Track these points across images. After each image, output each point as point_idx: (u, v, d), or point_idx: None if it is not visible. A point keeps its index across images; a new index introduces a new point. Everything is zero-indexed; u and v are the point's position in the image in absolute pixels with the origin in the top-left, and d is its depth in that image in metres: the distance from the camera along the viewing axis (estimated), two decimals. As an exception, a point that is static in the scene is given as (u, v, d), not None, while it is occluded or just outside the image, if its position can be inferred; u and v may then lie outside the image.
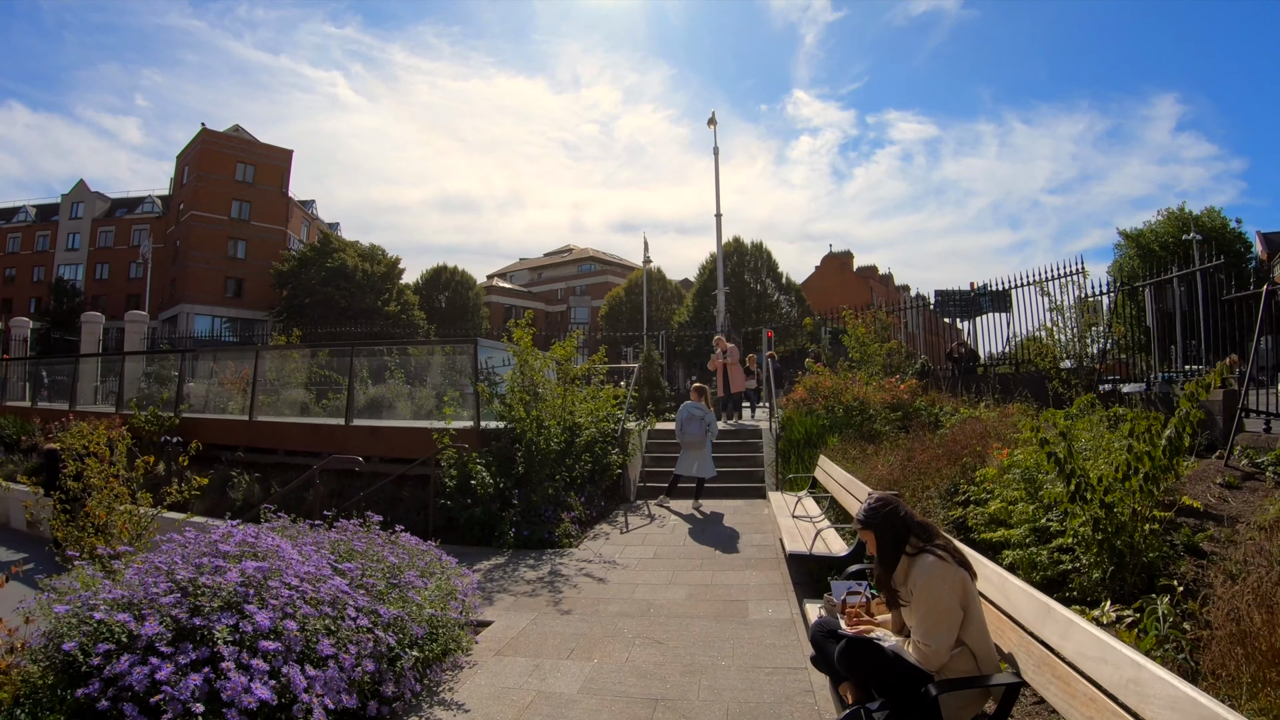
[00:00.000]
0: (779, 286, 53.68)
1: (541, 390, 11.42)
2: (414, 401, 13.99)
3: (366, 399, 13.87)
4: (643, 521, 10.72)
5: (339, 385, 14.48)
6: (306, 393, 15.52)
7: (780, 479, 11.88)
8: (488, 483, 9.86)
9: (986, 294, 17.68)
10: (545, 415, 11.14)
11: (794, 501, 9.08)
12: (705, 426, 11.48)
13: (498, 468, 10.46)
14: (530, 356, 11.32)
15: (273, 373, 16.85)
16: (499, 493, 10.04)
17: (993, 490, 6.71)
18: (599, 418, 12.33)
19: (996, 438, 8.21)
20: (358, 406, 13.73)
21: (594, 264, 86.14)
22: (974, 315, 17.97)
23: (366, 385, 14.17)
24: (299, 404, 15.58)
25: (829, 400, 13.59)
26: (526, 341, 11.41)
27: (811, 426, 12.57)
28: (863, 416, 12.65)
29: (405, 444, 12.00)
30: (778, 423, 13.60)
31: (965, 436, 8.64)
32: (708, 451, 11.62)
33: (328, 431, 13.33)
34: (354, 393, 13.25)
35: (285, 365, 17.10)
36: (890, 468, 8.50)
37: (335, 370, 14.50)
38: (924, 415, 12.31)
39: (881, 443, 11.27)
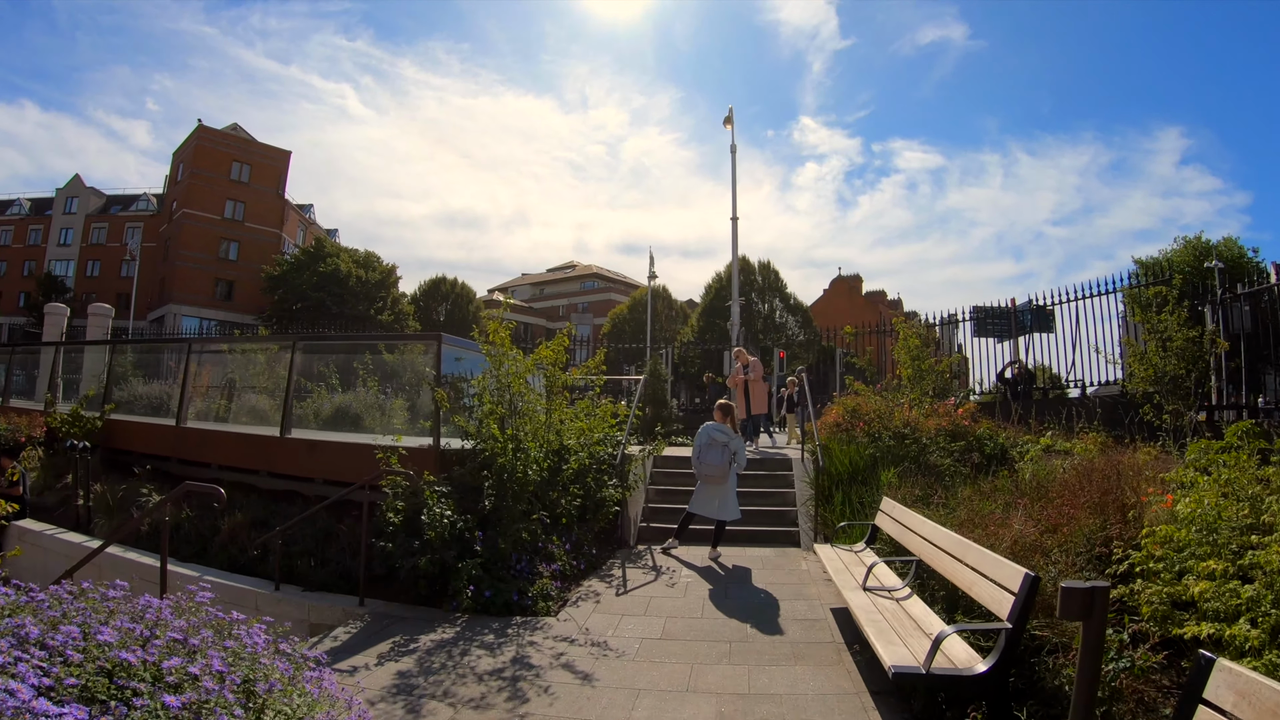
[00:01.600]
0: (788, 308, 51.75)
1: (521, 403, 9.04)
2: (363, 411, 11.57)
3: (311, 407, 11.48)
4: (646, 577, 8.25)
5: (303, 390, 12.18)
6: (268, 399, 13.03)
7: (819, 522, 9.39)
8: (441, 521, 7.41)
9: (1030, 311, 15.41)
10: (525, 435, 8.76)
11: (856, 564, 6.66)
12: (730, 455, 9.06)
13: (458, 501, 8.05)
14: (507, 359, 8.94)
15: (235, 374, 14.44)
16: (456, 535, 7.61)
17: (1163, 554, 4.47)
18: (593, 440, 9.94)
19: (1124, 477, 5.94)
20: (295, 415, 11.40)
21: (597, 281, 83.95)
22: (1017, 334, 15.66)
23: (324, 390, 11.80)
24: (258, 410, 13.18)
25: (873, 425, 11.20)
26: (503, 339, 9.03)
27: (856, 458, 10.13)
28: (916, 446, 10.28)
29: (348, 464, 9.51)
30: (810, 452, 11.18)
31: (1082, 478, 6.31)
32: (731, 487, 9.19)
33: (260, 444, 11.00)
34: (290, 397, 10.83)
35: (249, 366, 14.71)
36: (1010, 522, 6.02)
37: (308, 372, 12.23)
38: (988, 446, 9.97)
39: (946, 480, 8.95)
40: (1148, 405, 9.84)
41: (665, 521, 10.05)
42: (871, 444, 10.63)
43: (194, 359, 13.35)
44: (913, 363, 12.42)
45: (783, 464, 11.69)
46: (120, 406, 13.72)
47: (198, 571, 8.85)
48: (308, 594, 8.15)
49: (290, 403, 10.92)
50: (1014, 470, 9.02)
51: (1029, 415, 11.35)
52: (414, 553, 7.40)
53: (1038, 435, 10.42)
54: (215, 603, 9.74)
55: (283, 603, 7.98)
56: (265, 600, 8.06)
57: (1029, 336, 15.42)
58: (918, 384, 12.26)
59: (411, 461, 8.21)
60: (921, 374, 12.32)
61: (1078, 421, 10.63)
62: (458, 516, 7.71)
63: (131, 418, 13.67)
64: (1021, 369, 14.82)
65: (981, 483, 8.55)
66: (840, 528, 8.16)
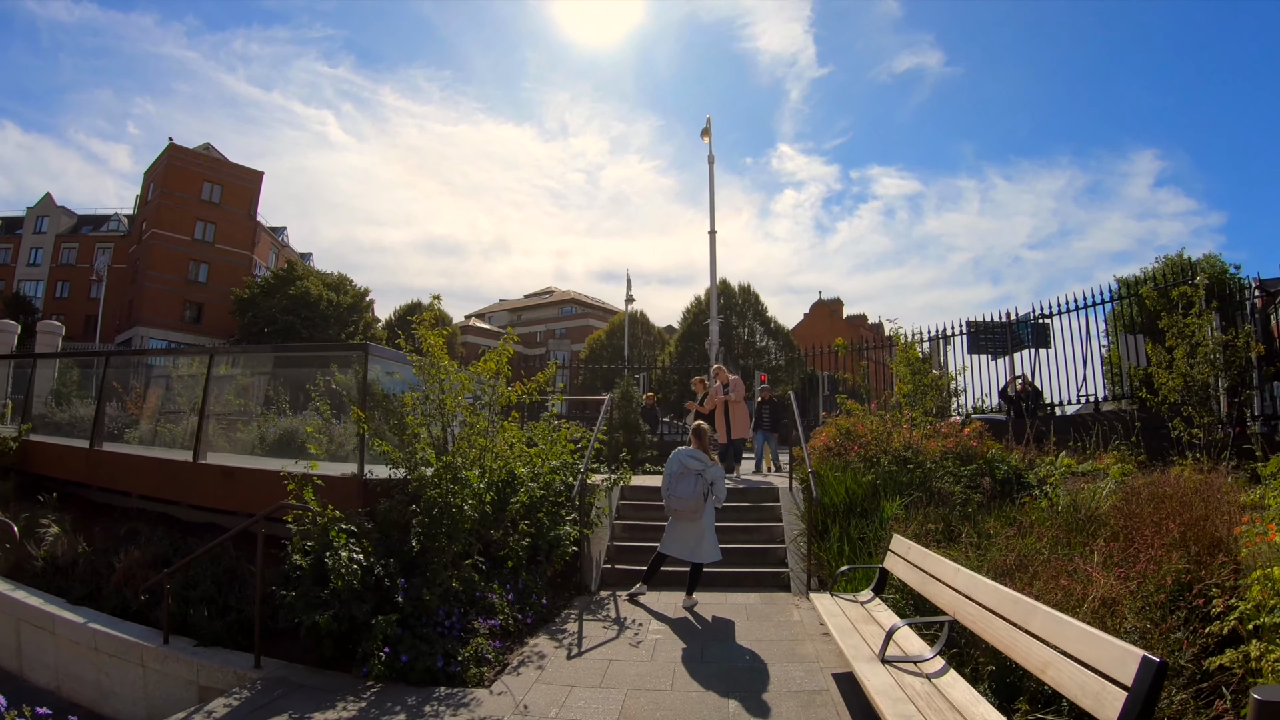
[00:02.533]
0: (768, 331, 50.78)
1: (460, 425, 7.68)
2: (310, 436, 10.15)
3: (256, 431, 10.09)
4: (606, 632, 6.81)
5: (248, 412, 10.79)
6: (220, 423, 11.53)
7: (812, 561, 7.96)
8: (349, 568, 5.99)
9: (1028, 325, 14.22)
10: (465, 462, 7.39)
11: (865, 620, 5.28)
12: (705, 486, 7.64)
13: (380, 542, 6.66)
14: (442, 373, 7.58)
15: (181, 396, 12.93)
16: (373, 584, 6.21)
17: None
18: (547, 469, 8.58)
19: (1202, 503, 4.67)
20: (237, 439, 9.99)
21: (575, 307, 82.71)
22: (1013, 350, 14.46)
23: (271, 412, 10.41)
24: (186, 434, 11.73)
25: (869, 448, 9.90)
26: (437, 350, 7.67)
27: (853, 486, 8.79)
28: (920, 471, 8.99)
29: (268, 494, 8.07)
30: (800, 480, 9.85)
31: (1155, 506, 5.02)
32: (708, 524, 7.71)
33: (173, 471, 9.55)
34: (205, 417, 9.40)
35: (195, 387, 13.22)
36: (1074, 569, 4.67)
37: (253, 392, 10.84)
38: (1000, 469, 8.76)
39: (959, 510, 7.71)
40: (1178, 419, 8.61)
41: (633, 562, 8.64)
42: (869, 469, 9.33)
43: (121, 374, 11.99)
44: (913, 377, 11.09)
45: (768, 494, 10.28)
46: (57, 428, 12.34)
47: (83, 618, 7.73)
48: (200, 649, 6.81)
49: (205, 423, 9.50)
50: (1033, 496, 7.79)
51: (1046, 434, 10.12)
52: (320, 605, 5.98)
53: (1052, 456, 9.24)
54: (97, 655, 7.81)
55: (170, 659, 6.74)
56: (151, 656, 6.88)
57: (1033, 352, 14.22)
58: (919, 401, 10.95)
59: (331, 493, 6.81)
60: (923, 390, 10.99)
61: (1088, 439, 9.46)
62: (375, 561, 6.32)
63: (51, 439, 12.17)
64: (1026, 385, 13.59)
65: (1003, 512, 7.30)
66: (841, 573, 6.73)
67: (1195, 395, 8.76)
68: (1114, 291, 12.81)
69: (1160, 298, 9.82)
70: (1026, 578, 4.53)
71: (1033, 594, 3.91)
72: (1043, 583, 4.38)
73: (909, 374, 11.10)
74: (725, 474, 12.52)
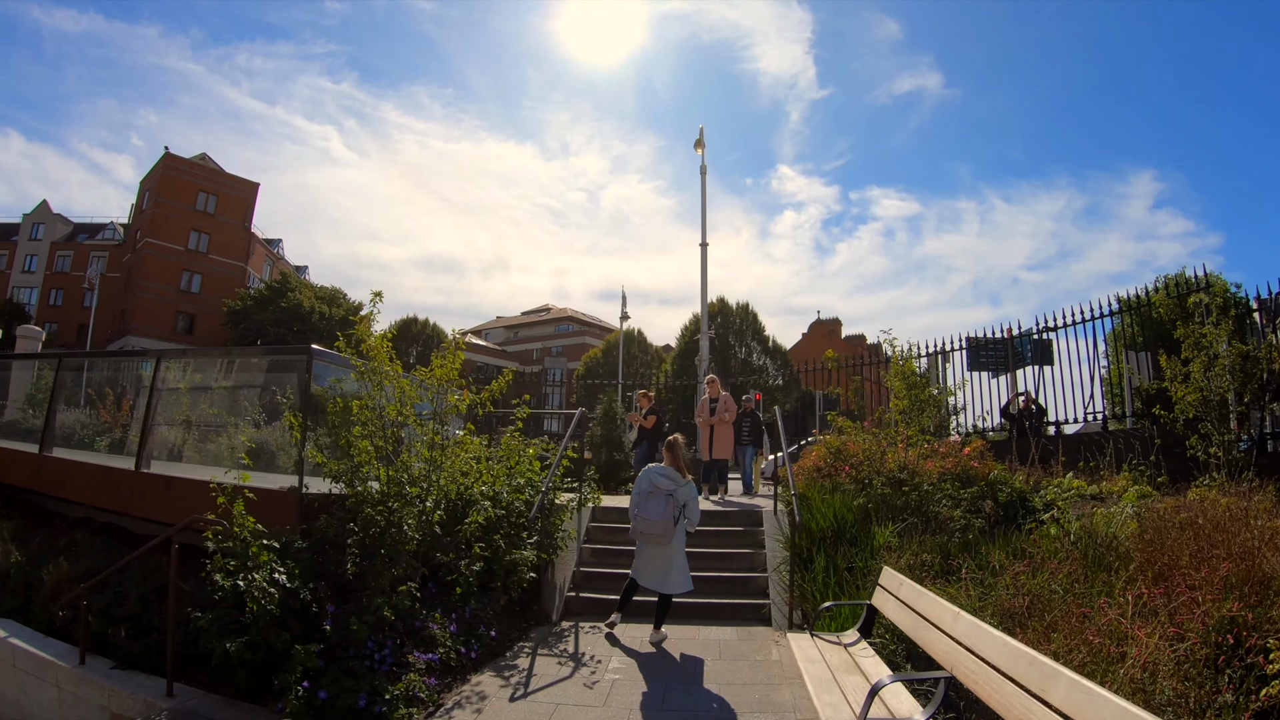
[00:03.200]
0: (765, 350, 50.27)
1: (409, 437, 7.00)
2: (281, 447, 9.46)
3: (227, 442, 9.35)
4: (560, 670, 6.06)
5: (220, 422, 10.08)
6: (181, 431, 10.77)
7: (794, 593, 7.22)
8: (266, 592, 5.28)
9: (1030, 340, 13.49)
10: (410, 477, 6.71)
11: (848, 668, 4.57)
12: (676, 507, 6.80)
13: (313, 563, 5.96)
14: (386, 378, 6.90)
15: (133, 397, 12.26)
16: (299, 610, 5.51)
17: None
18: (511, 487, 7.90)
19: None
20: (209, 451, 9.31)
21: (572, 324, 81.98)
22: (1014, 367, 13.72)
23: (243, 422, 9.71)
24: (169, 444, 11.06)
25: (861, 469, 9.21)
26: (380, 352, 7.00)
27: (842, 510, 8.07)
28: (917, 494, 8.29)
29: (204, 505, 7.41)
30: (785, 504, 9.16)
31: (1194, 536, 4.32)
32: (678, 550, 6.90)
33: (116, 479, 8.90)
34: (150, 421, 8.76)
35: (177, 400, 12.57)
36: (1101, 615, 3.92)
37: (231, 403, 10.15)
38: (1003, 492, 8.11)
39: (958, 537, 7.08)
40: (1194, 436, 7.90)
41: (602, 590, 7.89)
42: (860, 492, 8.64)
43: (108, 380, 11.37)
44: (909, 392, 10.36)
45: (750, 517, 9.53)
46: (26, 434, 11.67)
47: (5, 631, 7.34)
48: (115, 672, 6.29)
49: (150, 428, 8.86)
50: (1040, 522, 7.08)
51: (1051, 454, 9.40)
52: (236, 630, 5.29)
53: (1061, 477, 8.55)
54: (16, 673, 6.93)
55: (84, 682, 6.27)
56: (66, 676, 6.42)
57: (1036, 370, 13.48)
58: (915, 418, 10.22)
59: (265, 507, 6.15)
60: (920, 406, 10.25)
61: (1100, 458, 8.76)
62: (302, 584, 5.61)
63: (3, 444, 11.52)
64: (1029, 402, 12.86)
65: (1009, 540, 6.60)
66: (825, 609, 6.00)
67: (1214, 410, 8.07)
68: (1124, 302, 12.06)
69: (1175, 305, 9.12)
70: (1042, 627, 3.80)
71: (1050, 650, 3.22)
72: (1063, 636, 3.63)
73: (904, 389, 10.36)
74: (710, 495, 11.89)
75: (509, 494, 7.90)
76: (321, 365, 7.47)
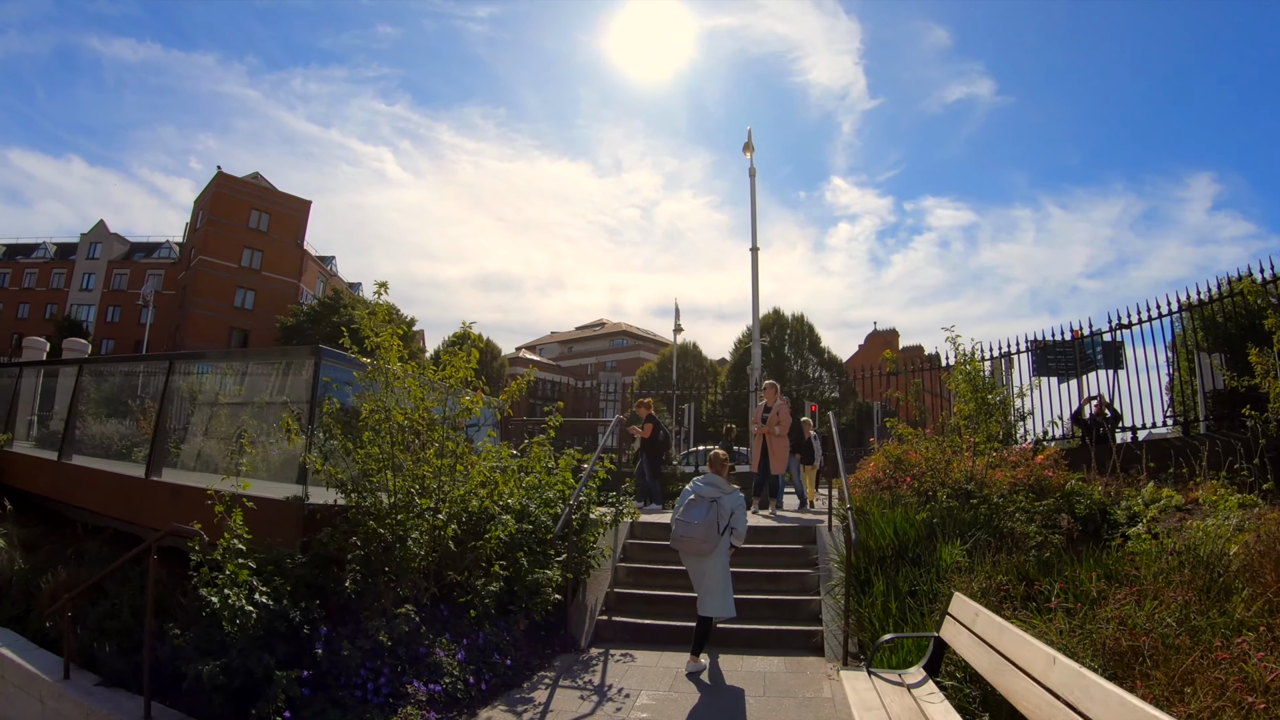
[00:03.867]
0: (821, 363, 49.14)
1: (422, 444, 6.40)
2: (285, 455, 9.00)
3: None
4: (582, 705, 5.34)
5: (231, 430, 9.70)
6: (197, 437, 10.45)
7: (850, 619, 6.40)
8: (242, 612, 4.71)
9: (1099, 342, 12.34)
10: (421, 487, 6.11)
11: (911, 715, 3.81)
12: (720, 518, 6.07)
13: (310, 580, 5.39)
14: (393, 378, 6.34)
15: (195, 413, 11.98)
16: (285, 632, 4.93)
17: None
18: (541, 500, 7.27)
19: None
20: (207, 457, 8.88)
21: (627, 339, 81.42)
22: (1083, 371, 12.55)
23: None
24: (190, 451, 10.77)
25: (924, 480, 8.36)
26: (387, 350, 6.45)
27: (903, 525, 7.24)
28: (986, 508, 7.42)
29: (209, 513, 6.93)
30: (841, 518, 8.35)
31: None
32: (718, 566, 6.15)
33: (127, 486, 8.50)
34: (162, 428, 8.35)
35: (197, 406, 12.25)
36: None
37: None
38: (1081, 504, 7.14)
39: (1035, 556, 6.21)
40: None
41: (638, 613, 7.19)
42: (922, 505, 7.79)
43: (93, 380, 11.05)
44: (974, 395, 9.41)
45: (803, 533, 8.70)
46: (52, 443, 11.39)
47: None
48: (98, 689, 5.86)
49: (163, 435, 8.46)
50: (1125, 537, 6.19)
51: (1128, 461, 8.39)
52: (218, 650, 4.74)
53: (1151, 487, 7.56)
54: (3, 684, 6.57)
55: (65, 698, 5.91)
56: (48, 691, 6.08)
57: (1109, 373, 12.34)
58: (982, 424, 9.30)
59: (265, 518, 5.66)
60: (988, 410, 9.30)
61: (1195, 464, 7.78)
62: (291, 604, 5.03)
63: (27, 451, 11.43)
64: (1102, 406, 11.76)
65: (1096, 559, 5.72)
66: (884, 642, 5.19)
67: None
68: (1213, 292, 10.88)
69: (1264, 292, 8.13)
70: (1168, 679, 2.96)
71: (1186, 713, 2.42)
72: (1200, 692, 2.78)
73: (970, 391, 9.41)
74: (760, 510, 11.06)
75: (538, 508, 7.25)
76: (331, 366, 6.92)
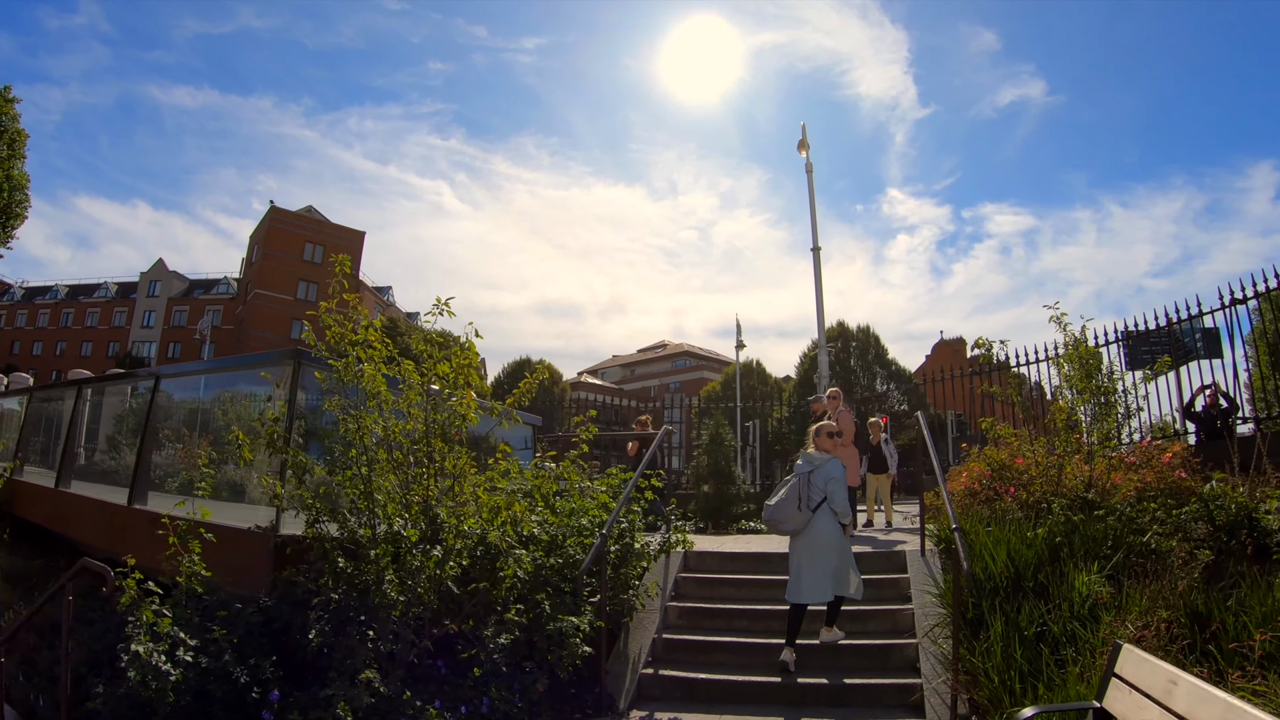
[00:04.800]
0: (889, 375, 47.17)
1: (416, 464, 5.28)
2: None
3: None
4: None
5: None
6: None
7: (959, 672, 4.99)
8: (160, 671, 3.62)
9: (1199, 327, 10.58)
10: (410, 516, 4.97)
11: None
12: (804, 491, 5.72)
13: (261, 630, 4.28)
14: (364, 379, 5.26)
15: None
16: (225, 697, 3.81)
17: None
18: (572, 527, 6.08)
19: None
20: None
21: (689, 359, 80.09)
22: (1180, 362, 10.71)
23: None
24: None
25: (1034, 490, 6.93)
26: (363, 344, 5.40)
27: (1019, 546, 5.79)
28: (1114, 519, 6.06)
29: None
30: (936, 541, 6.94)
31: None
32: (824, 541, 5.65)
33: (110, 514, 7.77)
34: (145, 451, 7.47)
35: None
36: None
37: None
38: (1219, 512, 5.76)
39: (1183, 577, 4.93)
40: None
41: (692, 665, 5.86)
42: (1034, 520, 6.35)
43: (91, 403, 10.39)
44: (1088, 384, 7.75)
45: (889, 560, 7.23)
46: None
47: None
48: None
49: (147, 458, 7.56)
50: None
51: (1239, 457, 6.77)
52: (139, 713, 3.65)
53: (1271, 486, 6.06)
54: None
55: None
56: None
57: (1209, 363, 10.59)
58: (1099, 420, 7.75)
59: (228, 551, 4.62)
60: (1108, 404, 7.73)
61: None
62: (234, 661, 3.92)
63: (33, 479, 10.76)
64: (1217, 395, 10.05)
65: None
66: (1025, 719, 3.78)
67: None
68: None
69: None
70: None
71: None
72: None
73: (1082, 378, 7.81)
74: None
75: (570, 538, 6.05)
76: (312, 373, 5.88)
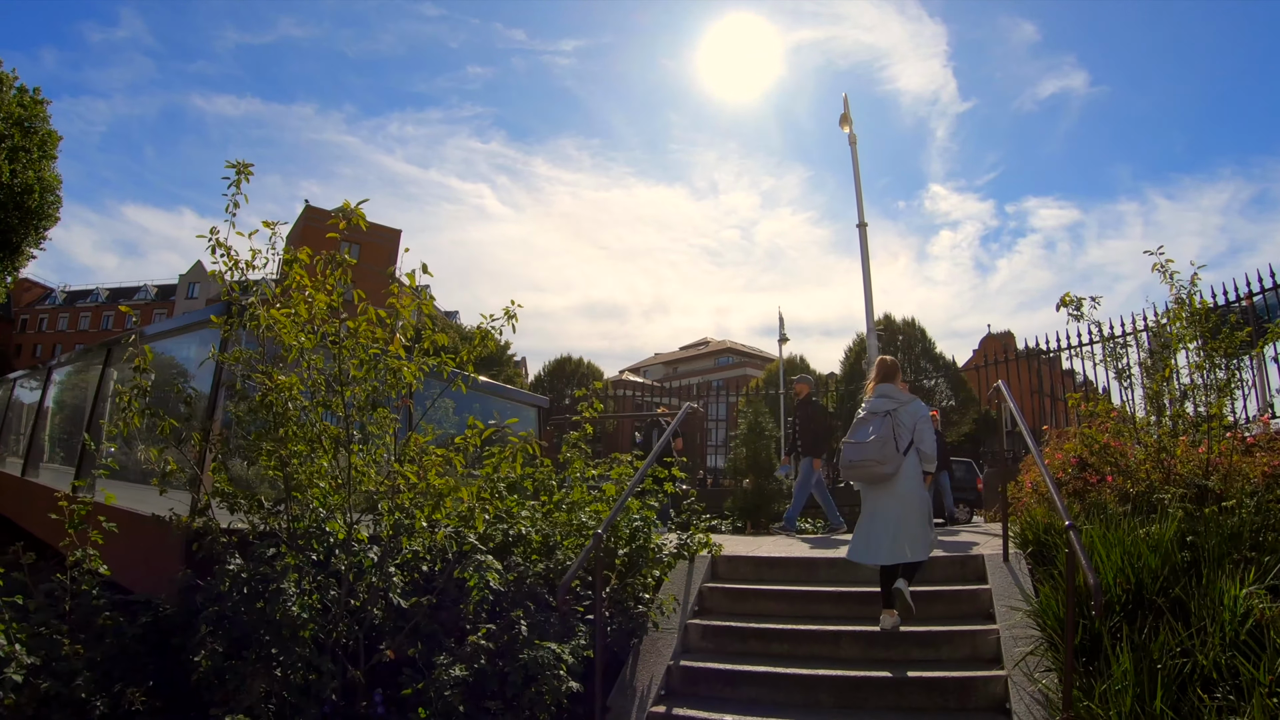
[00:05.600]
0: (937, 369, 45.68)
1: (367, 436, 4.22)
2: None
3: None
4: None
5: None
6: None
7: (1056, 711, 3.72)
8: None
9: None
10: (333, 503, 3.90)
11: None
12: (898, 431, 5.12)
13: (132, 651, 3.23)
14: (281, 330, 4.21)
15: None
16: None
17: None
18: (569, 524, 4.98)
19: None
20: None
21: (732, 356, 78.76)
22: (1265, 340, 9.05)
23: None
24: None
25: (1137, 477, 5.70)
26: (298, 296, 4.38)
27: (1141, 549, 4.48)
28: (1245, 511, 4.91)
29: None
30: (1023, 541, 5.67)
31: None
32: (907, 496, 5.03)
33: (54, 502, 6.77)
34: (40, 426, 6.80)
35: None
36: None
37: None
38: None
39: None
40: None
41: (715, 703, 4.59)
42: (1146, 516, 5.06)
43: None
44: (1206, 345, 6.19)
45: (963, 567, 5.79)
46: None
47: None
48: None
49: (38, 433, 6.98)
50: None
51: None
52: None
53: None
54: None
55: None
56: None
57: None
58: (1220, 396, 6.14)
59: (136, 543, 3.59)
60: (1227, 376, 6.30)
61: None
62: (91, 689, 3.05)
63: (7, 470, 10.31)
64: None
65: None
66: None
67: None
68: None
69: None
70: None
71: None
72: None
73: (1194, 338, 6.40)
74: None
75: (567, 538, 4.95)
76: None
